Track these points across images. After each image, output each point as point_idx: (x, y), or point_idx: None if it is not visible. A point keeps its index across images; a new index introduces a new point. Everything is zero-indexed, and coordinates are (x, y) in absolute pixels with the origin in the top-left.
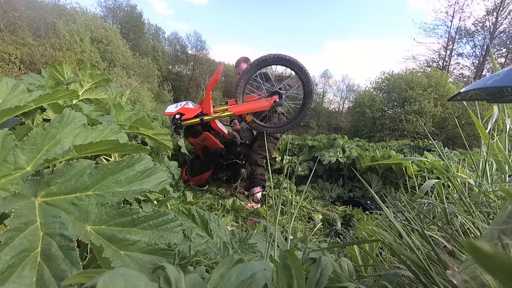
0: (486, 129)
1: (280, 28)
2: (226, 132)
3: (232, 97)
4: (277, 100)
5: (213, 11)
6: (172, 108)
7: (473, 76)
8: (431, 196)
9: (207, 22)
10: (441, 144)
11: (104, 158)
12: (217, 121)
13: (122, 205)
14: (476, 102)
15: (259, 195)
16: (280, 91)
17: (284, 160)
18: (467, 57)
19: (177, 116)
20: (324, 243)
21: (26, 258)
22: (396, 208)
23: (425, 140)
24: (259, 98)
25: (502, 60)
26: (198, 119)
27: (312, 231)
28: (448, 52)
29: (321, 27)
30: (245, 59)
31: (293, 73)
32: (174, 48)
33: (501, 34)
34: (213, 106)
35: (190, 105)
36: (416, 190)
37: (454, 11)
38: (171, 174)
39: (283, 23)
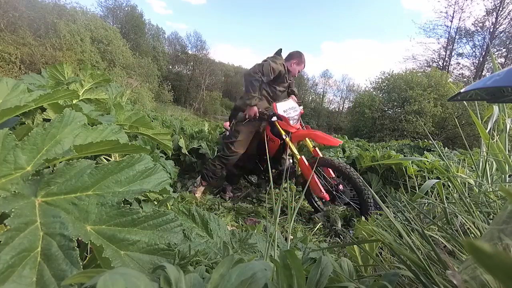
0: (486, 129)
1: (278, 28)
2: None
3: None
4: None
5: (211, 12)
6: (285, 106)
7: (473, 76)
8: (431, 196)
9: (205, 22)
10: (441, 144)
11: (104, 158)
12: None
13: (122, 205)
14: (476, 102)
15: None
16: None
17: None
18: (467, 57)
19: (274, 118)
20: (324, 243)
21: (26, 258)
22: (396, 208)
23: (425, 140)
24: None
25: (502, 60)
26: (284, 134)
27: (312, 231)
28: (448, 52)
29: (317, 28)
30: (298, 58)
31: None
32: (174, 48)
33: (501, 34)
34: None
35: (293, 117)
36: (416, 190)
37: (454, 11)
38: (167, 173)
39: (281, 23)
